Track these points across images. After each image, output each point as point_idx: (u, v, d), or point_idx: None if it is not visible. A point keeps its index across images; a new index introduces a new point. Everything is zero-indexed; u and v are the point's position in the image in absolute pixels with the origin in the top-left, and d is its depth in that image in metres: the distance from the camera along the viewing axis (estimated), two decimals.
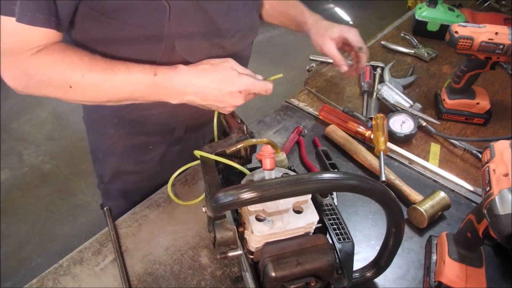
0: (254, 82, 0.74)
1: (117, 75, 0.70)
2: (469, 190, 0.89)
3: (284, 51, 3.37)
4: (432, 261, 0.72)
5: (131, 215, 0.82)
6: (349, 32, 0.96)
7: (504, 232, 0.52)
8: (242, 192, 0.48)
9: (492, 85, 1.21)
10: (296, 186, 0.48)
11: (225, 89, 0.73)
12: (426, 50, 1.34)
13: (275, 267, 0.51)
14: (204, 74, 0.73)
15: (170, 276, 0.72)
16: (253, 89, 0.74)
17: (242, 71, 0.75)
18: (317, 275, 0.53)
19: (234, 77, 0.73)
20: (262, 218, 0.55)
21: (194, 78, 0.73)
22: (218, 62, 0.75)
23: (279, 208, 0.56)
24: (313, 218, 0.56)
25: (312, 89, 1.19)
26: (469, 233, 0.66)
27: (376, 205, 0.85)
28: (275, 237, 0.55)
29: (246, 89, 0.73)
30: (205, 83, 0.72)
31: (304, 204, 0.57)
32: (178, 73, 0.72)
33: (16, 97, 2.82)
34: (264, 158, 0.59)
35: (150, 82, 0.71)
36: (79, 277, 0.72)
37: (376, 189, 0.53)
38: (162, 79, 0.71)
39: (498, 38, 0.93)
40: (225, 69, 0.74)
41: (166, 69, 0.72)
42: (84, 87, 0.71)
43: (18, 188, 2.29)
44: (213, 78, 0.73)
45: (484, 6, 1.63)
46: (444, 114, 1.08)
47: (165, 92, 0.73)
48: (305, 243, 0.54)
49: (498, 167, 0.58)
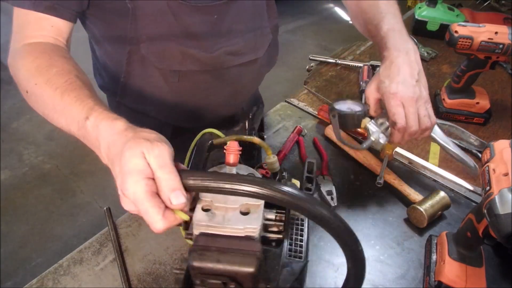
0: (141, 200, 0.48)
1: (62, 100, 0.62)
2: (469, 190, 0.89)
3: (284, 50, 3.36)
4: (432, 261, 0.72)
5: (131, 215, 0.82)
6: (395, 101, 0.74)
7: (504, 232, 0.52)
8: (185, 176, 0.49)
9: (492, 84, 1.21)
10: (228, 185, 0.48)
11: (116, 173, 0.52)
12: (425, 49, 1.34)
13: (195, 257, 0.51)
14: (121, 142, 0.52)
15: (170, 276, 0.72)
16: (140, 208, 0.48)
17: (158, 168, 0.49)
18: (235, 279, 0.52)
19: (127, 172, 0.49)
20: (207, 208, 0.55)
21: (115, 142, 0.53)
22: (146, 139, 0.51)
23: (226, 205, 0.56)
24: (253, 224, 0.54)
25: (312, 89, 1.19)
26: (469, 232, 0.66)
27: (376, 205, 0.85)
28: (212, 230, 0.54)
29: (132, 199, 0.48)
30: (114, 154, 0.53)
31: (254, 209, 0.56)
32: (107, 127, 0.55)
33: (16, 97, 2.82)
34: (228, 153, 0.60)
35: (81, 123, 0.59)
36: (79, 277, 0.72)
37: (321, 215, 0.49)
38: (90, 126, 0.57)
39: (497, 38, 0.93)
40: (132, 154, 0.49)
41: (101, 117, 0.57)
42: (34, 97, 0.67)
43: (18, 188, 2.29)
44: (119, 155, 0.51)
45: (483, 5, 1.63)
46: (444, 113, 1.08)
47: (94, 145, 0.58)
48: (234, 245, 0.53)
49: (498, 167, 0.58)
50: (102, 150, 0.56)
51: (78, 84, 0.64)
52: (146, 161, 0.49)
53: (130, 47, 0.78)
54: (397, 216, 0.83)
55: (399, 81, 0.73)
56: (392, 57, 0.76)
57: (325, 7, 4.26)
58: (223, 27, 0.81)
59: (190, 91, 0.89)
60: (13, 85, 0.76)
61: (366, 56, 1.33)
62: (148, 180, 0.48)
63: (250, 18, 0.85)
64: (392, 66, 0.75)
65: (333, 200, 0.84)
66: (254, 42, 0.89)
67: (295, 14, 4.07)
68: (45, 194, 2.26)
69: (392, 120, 0.74)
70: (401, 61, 0.75)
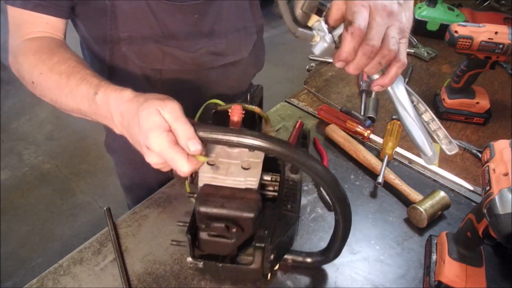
0: (167, 150, 0.53)
1: (68, 83, 0.65)
2: (469, 190, 0.89)
3: (284, 50, 3.37)
4: (432, 261, 0.72)
5: (131, 215, 0.82)
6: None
7: (504, 232, 0.52)
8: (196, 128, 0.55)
9: (491, 84, 1.21)
10: (234, 137, 0.54)
11: (136, 135, 0.56)
12: (425, 49, 1.34)
13: (202, 202, 0.58)
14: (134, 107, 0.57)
15: (170, 276, 0.72)
16: (166, 157, 0.54)
17: (173, 121, 0.54)
18: (238, 223, 0.58)
19: (148, 129, 0.53)
20: (212, 163, 0.62)
21: (128, 108, 0.58)
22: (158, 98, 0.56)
23: (229, 160, 0.62)
24: (253, 176, 0.61)
25: (312, 89, 1.19)
26: (469, 232, 0.66)
27: (376, 205, 0.85)
28: (216, 182, 0.61)
29: (157, 151, 0.54)
30: (130, 119, 0.57)
31: (254, 165, 0.62)
32: (117, 99, 0.60)
33: (16, 97, 2.82)
34: (232, 115, 0.66)
35: (91, 100, 0.63)
36: (79, 277, 0.72)
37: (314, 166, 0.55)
38: (100, 100, 0.61)
39: (497, 38, 0.93)
40: (149, 113, 0.54)
41: (109, 90, 0.61)
42: (41, 86, 0.70)
43: (18, 188, 2.29)
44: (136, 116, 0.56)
45: (483, 5, 1.63)
46: (444, 113, 1.08)
47: (106, 117, 0.62)
48: (237, 193, 0.60)
49: (498, 167, 0.58)
50: (115, 120, 0.60)
51: (80, 67, 0.67)
52: (162, 116, 0.54)
53: (112, 45, 0.79)
54: (397, 216, 0.83)
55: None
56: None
57: None
58: (205, 27, 0.81)
59: (172, 90, 0.86)
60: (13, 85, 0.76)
61: None
62: (168, 132, 0.54)
63: (233, 18, 0.84)
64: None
65: None
66: (237, 42, 0.88)
67: None
68: (45, 194, 2.26)
69: (349, 19, 0.53)
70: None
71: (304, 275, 0.72)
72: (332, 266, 0.74)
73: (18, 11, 0.72)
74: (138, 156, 0.73)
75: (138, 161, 1.00)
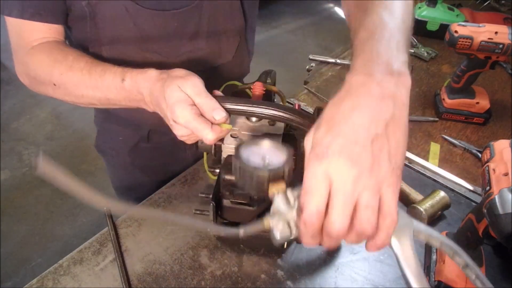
0: (191, 121, 0.58)
1: (91, 76, 0.69)
2: (469, 190, 0.89)
3: (284, 50, 3.37)
4: (432, 261, 0.72)
5: (131, 214, 0.82)
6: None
7: (504, 232, 0.52)
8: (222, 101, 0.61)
9: (491, 84, 1.21)
10: (259, 109, 0.61)
11: (164, 110, 0.61)
12: (425, 49, 1.34)
13: (226, 170, 0.61)
14: (160, 85, 0.62)
15: (170, 276, 0.72)
16: (192, 128, 0.59)
17: (195, 96, 0.59)
18: None
19: (173, 103, 0.59)
20: (235, 136, 0.67)
21: (155, 86, 0.63)
22: (179, 76, 0.61)
23: (252, 133, 0.67)
24: None
25: (312, 89, 1.19)
26: (469, 232, 0.66)
27: None
28: None
29: (184, 123, 0.59)
30: (158, 95, 0.62)
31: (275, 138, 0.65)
32: (145, 79, 0.64)
33: (16, 97, 2.82)
34: (254, 91, 0.72)
35: (120, 87, 0.66)
36: (79, 277, 0.72)
37: None
38: (129, 85, 0.65)
39: (497, 38, 0.93)
40: (172, 89, 0.59)
41: (135, 74, 0.65)
42: (64, 86, 0.72)
43: (18, 188, 2.29)
44: (162, 93, 0.61)
45: (483, 5, 1.63)
46: (444, 113, 1.08)
47: (138, 99, 0.66)
48: None
49: (498, 167, 0.58)
50: (146, 99, 0.64)
51: (97, 61, 0.71)
52: (184, 92, 0.59)
53: (93, 50, 0.79)
54: None
55: (339, 134, 0.41)
56: (351, 85, 0.45)
57: (325, 7, 4.26)
58: (185, 34, 0.79)
59: None
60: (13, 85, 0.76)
61: None
62: (192, 106, 0.59)
63: (214, 23, 0.82)
64: (344, 103, 0.43)
65: None
66: (220, 46, 0.86)
67: (295, 14, 4.07)
68: (45, 194, 2.26)
69: (301, 202, 0.42)
70: (363, 94, 0.42)
71: (304, 275, 0.72)
72: (332, 266, 0.74)
73: (17, 21, 0.71)
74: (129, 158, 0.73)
75: (128, 164, 1.00)
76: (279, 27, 3.64)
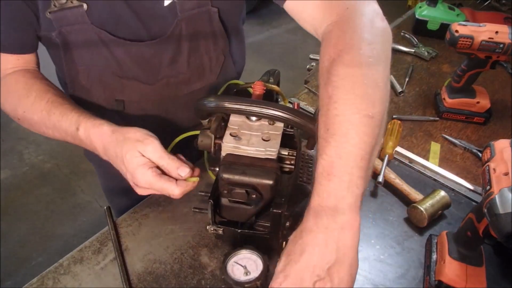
0: (155, 183, 0.62)
1: (50, 118, 0.70)
2: (469, 189, 0.89)
3: (284, 50, 3.37)
4: (432, 260, 0.72)
5: (131, 214, 0.82)
6: None
7: (504, 231, 0.52)
8: (221, 100, 0.63)
9: (492, 84, 1.21)
10: (257, 108, 0.62)
11: (123, 171, 0.65)
12: (426, 49, 1.34)
13: (225, 170, 0.63)
14: (115, 145, 0.65)
15: (170, 275, 0.72)
16: (156, 188, 0.63)
17: (158, 160, 0.63)
18: (257, 189, 0.63)
19: (134, 169, 0.62)
20: (234, 135, 0.67)
21: (109, 145, 0.65)
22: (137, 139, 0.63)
23: (251, 132, 0.67)
24: (272, 147, 0.65)
25: (312, 88, 1.19)
26: (469, 232, 0.66)
27: (376, 204, 0.85)
28: (238, 152, 0.65)
29: (147, 186, 0.63)
30: (114, 156, 0.65)
31: (274, 137, 0.66)
32: (97, 134, 0.67)
33: None
34: (254, 90, 0.73)
35: (74, 135, 0.69)
36: (79, 276, 0.72)
37: None
38: (83, 135, 0.68)
39: (498, 37, 0.93)
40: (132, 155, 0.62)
41: (89, 125, 0.67)
42: (28, 122, 0.74)
43: (18, 187, 2.29)
44: (121, 156, 0.63)
45: (484, 5, 1.63)
46: (444, 113, 1.07)
47: (91, 149, 0.69)
48: (257, 162, 0.64)
49: (498, 166, 0.58)
50: (99, 151, 0.67)
51: (59, 101, 0.71)
52: (145, 157, 0.62)
53: (70, 78, 0.79)
54: (397, 215, 0.83)
55: (289, 274, 0.48)
56: (305, 227, 0.50)
57: None
58: (163, 60, 0.78)
59: (139, 118, 0.86)
60: None
61: None
62: (152, 168, 0.62)
63: (195, 46, 0.79)
64: (297, 244, 0.49)
65: None
66: (202, 68, 0.83)
67: None
68: (45, 194, 2.26)
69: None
70: (311, 240, 0.48)
71: None
72: None
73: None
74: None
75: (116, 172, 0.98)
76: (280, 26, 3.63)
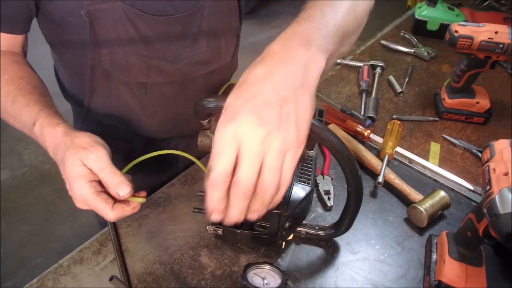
0: (90, 199, 0.57)
1: (13, 106, 0.67)
2: (469, 189, 0.89)
3: None
4: (432, 260, 0.72)
5: (132, 214, 0.82)
6: None
7: (504, 231, 0.52)
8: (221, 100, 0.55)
9: (492, 84, 1.21)
10: None
11: (64, 179, 0.60)
12: (425, 49, 1.34)
13: None
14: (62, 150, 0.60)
15: (170, 275, 0.72)
16: (91, 206, 0.58)
17: (98, 171, 0.57)
18: None
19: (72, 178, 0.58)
20: None
21: (58, 148, 0.60)
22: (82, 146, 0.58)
23: None
24: None
25: None
26: (469, 232, 0.66)
27: (376, 204, 0.85)
28: None
29: (82, 200, 0.58)
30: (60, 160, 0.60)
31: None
32: (50, 135, 0.62)
33: None
34: None
35: (30, 129, 0.65)
36: (79, 277, 0.72)
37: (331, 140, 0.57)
38: (38, 131, 0.64)
39: (497, 37, 0.93)
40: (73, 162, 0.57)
41: (45, 123, 0.63)
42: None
43: (18, 188, 2.29)
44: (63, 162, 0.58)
45: (483, 5, 1.63)
46: (444, 113, 1.08)
47: (44, 146, 0.64)
48: None
49: (498, 166, 0.58)
50: (50, 152, 0.62)
51: (28, 89, 0.68)
52: (86, 167, 0.56)
53: (92, 62, 0.76)
54: (397, 215, 0.83)
55: (250, 98, 0.44)
56: (268, 52, 0.48)
57: None
58: (187, 38, 0.79)
59: (158, 102, 0.86)
60: None
61: (366, 55, 1.33)
62: (92, 182, 0.56)
63: (214, 26, 0.81)
64: (257, 68, 0.46)
65: (330, 200, 0.84)
66: (220, 49, 0.85)
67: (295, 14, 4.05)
68: (45, 194, 2.26)
69: (209, 164, 0.44)
70: (276, 61, 0.46)
71: (304, 275, 0.72)
72: (332, 266, 0.74)
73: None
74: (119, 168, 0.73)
75: None
76: (279, 27, 3.63)
